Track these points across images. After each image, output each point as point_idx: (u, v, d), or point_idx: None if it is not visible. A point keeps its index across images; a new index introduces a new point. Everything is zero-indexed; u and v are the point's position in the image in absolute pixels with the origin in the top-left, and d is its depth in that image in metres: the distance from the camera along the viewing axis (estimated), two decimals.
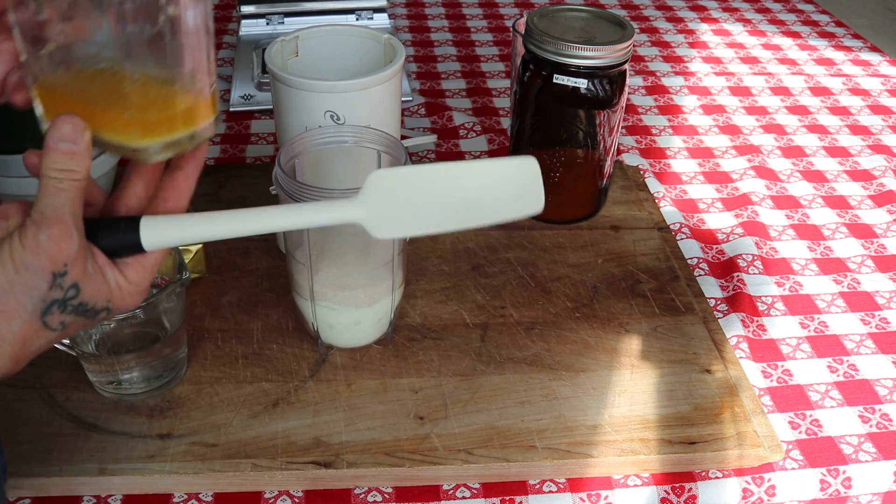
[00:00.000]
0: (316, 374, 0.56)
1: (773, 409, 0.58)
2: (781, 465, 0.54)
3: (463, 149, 0.86)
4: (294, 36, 0.63)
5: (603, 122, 0.67)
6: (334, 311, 0.55)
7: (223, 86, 0.97)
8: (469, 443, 0.52)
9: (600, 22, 0.68)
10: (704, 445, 0.53)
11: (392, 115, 0.61)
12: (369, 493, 0.51)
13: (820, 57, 1.10)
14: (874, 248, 0.74)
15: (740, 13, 1.24)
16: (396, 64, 0.59)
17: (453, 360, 0.58)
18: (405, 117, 0.92)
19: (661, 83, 1.02)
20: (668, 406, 0.55)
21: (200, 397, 0.54)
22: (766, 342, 0.63)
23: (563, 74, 0.65)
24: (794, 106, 0.98)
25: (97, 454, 0.50)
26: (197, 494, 0.50)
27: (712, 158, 0.87)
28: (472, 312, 0.62)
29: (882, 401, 0.59)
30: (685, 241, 0.73)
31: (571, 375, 0.57)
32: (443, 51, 1.08)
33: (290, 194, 0.49)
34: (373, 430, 0.53)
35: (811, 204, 0.80)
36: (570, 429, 0.53)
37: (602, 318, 0.62)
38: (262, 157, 0.83)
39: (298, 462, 0.50)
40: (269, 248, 0.67)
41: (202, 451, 0.51)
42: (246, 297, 0.63)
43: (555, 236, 0.71)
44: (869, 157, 0.88)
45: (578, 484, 0.52)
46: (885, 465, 0.54)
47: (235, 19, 1.15)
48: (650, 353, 0.60)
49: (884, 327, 0.65)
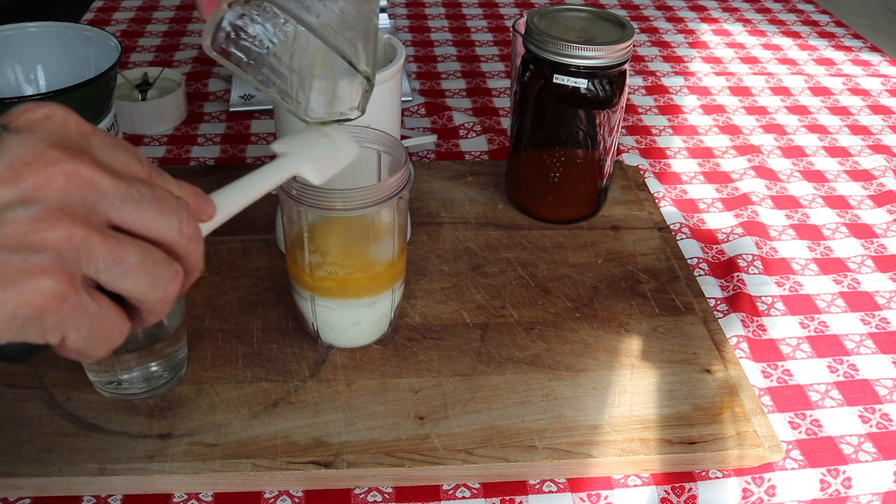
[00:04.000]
0: (316, 374, 0.56)
1: (773, 409, 0.58)
2: (781, 465, 0.54)
3: (463, 149, 0.86)
4: None
5: (603, 122, 0.67)
6: (334, 310, 0.55)
7: (223, 86, 0.97)
8: (469, 443, 0.52)
9: (600, 22, 0.68)
10: (704, 445, 0.53)
11: (392, 115, 0.61)
12: (369, 493, 0.51)
13: (820, 57, 1.10)
14: (874, 248, 0.74)
15: (740, 13, 1.24)
16: (396, 64, 0.59)
17: (453, 360, 0.58)
18: (405, 117, 0.92)
19: (661, 83, 1.02)
20: (668, 406, 0.55)
21: (200, 397, 0.54)
22: (766, 342, 0.63)
23: (563, 74, 0.65)
24: (794, 106, 0.98)
25: (97, 454, 0.50)
26: (197, 494, 0.50)
27: (712, 158, 0.87)
28: (472, 312, 0.62)
29: (882, 401, 0.59)
30: (685, 241, 0.73)
31: (571, 375, 0.57)
32: (443, 51, 1.08)
33: (291, 194, 0.50)
34: (373, 430, 0.53)
35: (811, 204, 0.80)
36: (570, 429, 0.53)
37: (602, 318, 0.62)
38: (262, 157, 0.83)
39: (298, 462, 0.50)
40: (269, 248, 0.67)
41: (202, 451, 0.51)
42: (246, 297, 0.63)
43: (555, 236, 0.71)
44: (869, 157, 0.88)
45: (578, 484, 0.52)
46: (885, 465, 0.54)
47: None
48: (650, 353, 0.60)
49: (884, 327, 0.65)
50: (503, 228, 0.71)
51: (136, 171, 0.33)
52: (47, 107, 0.32)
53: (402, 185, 0.51)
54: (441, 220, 0.72)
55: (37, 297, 0.30)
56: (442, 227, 0.71)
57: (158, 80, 0.91)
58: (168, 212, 0.33)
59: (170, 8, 1.19)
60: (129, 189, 0.32)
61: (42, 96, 0.59)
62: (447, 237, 0.70)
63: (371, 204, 0.50)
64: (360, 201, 0.49)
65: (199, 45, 1.07)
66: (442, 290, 0.64)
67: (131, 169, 0.33)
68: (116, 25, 1.12)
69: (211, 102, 0.94)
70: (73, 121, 0.33)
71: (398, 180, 0.51)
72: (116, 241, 0.31)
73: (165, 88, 0.90)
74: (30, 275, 0.29)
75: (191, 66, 1.01)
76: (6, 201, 0.30)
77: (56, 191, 0.30)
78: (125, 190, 0.32)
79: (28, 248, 0.30)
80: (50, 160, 0.30)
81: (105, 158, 0.32)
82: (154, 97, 0.89)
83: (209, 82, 0.97)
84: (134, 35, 1.10)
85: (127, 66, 0.99)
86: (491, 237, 0.70)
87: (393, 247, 0.54)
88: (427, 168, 0.79)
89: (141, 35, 1.10)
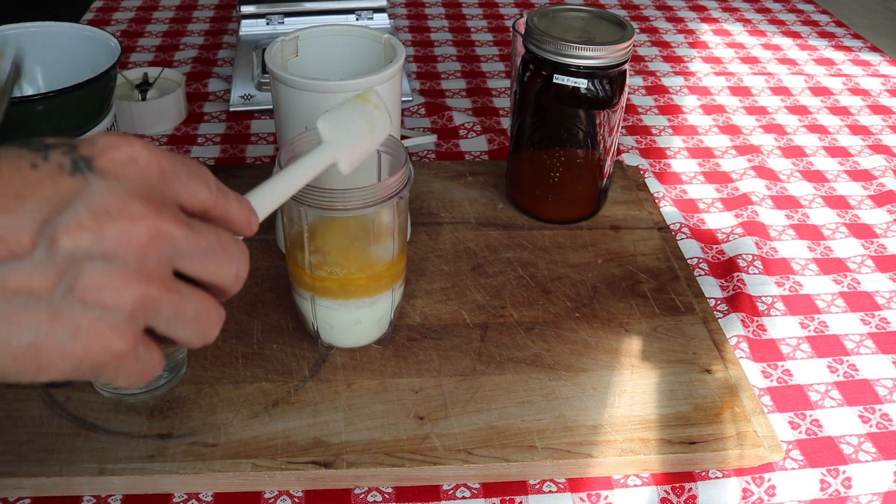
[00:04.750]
0: (316, 374, 0.56)
1: (773, 409, 0.58)
2: (781, 465, 0.54)
3: (463, 149, 0.86)
4: (294, 36, 0.63)
5: (603, 122, 0.67)
6: (334, 310, 0.55)
7: (223, 86, 0.97)
8: (469, 443, 0.52)
9: (600, 22, 0.68)
10: (704, 445, 0.53)
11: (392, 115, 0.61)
12: (369, 493, 0.51)
13: (820, 57, 1.10)
14: (874, 248, 0.74)
15: (740, 13, 1.24)
16: (396, 64, 0.59)
17: (453, 360, 0.58)
18: (405, 117, 0.92)
19: (661, 83, 1.02)
20: (668, 406, 0.55)
21: (200, 397, 0.54)
22: (766, 342, 0.63)
23: (563, 74, 0.65)
24: (794, 106, 0.98)
25: (97, 454, 0.50)
26: (197, 494, 0.50)
27: (712, 158, 0.87)
28: (472, 312, 0.62)
29: (882, 401, 0.59)
30: (685, 241, 0.73)
31: (571, 375, 0.57)
32: (443, 51, 1.08)
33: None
34: (373, 430, 0.53)
35: (811, 204, 0.80)
36: (570, 429, 0.53)
37: (602, 318, 0.62)
38: (262, 157, 0.83)
39: (298, 462, 0.50)
40: (270, 248, 0.67)
41: (202, 451, 0.51)
42: (246, 297, 0.63)
43: (555, 236, 0.71)
44: (869, 157, 0.88)
45: (578, 484, 0.52)
46: (885, 465, 0.54)
47: (235, 19, 1.15)
48: (650, 353, 0.60)
49: (884, 327, 0.65)
50: (503, 228, 0.72)
51: (205, 198, 0.34)
52: (130, 145, 0.32)
53: (402, 185, 0.51)
54: (441, 220, 0.72)
55: (102, 354, 0.31)
56: (442, 227, 0.71)
57: (158, 80, 0.91)
58: (230, 260, 0.34)
59: (170, 8, 1.19)
60: (199, 240, 0.33)
61: (42, 96, 0.59)
62: (447, 237, 0.70)
63: (371, 204, 0.50)
64: (360, 201, 0.49)
65: (199, 45, 1.07)
66: (442, 290, 0.64)
67: (202, 198, 0.34)
68: (116, 25, 1.12)
69: (211, 102, 0.94)
70: (156, 162, 0.33)
71: (398, 180, 0.51)
72: (180, 296, 0.32)
73: (165, 88, 0.90)
74: (101, 334, 0.30)
75: (191, 66, 1.01)
76: (86, 253, 0.30)
77: (136, 248, 0.30)
78: (196, 241, 0.33)
79: (103, 305, 0.30)
80: (135, 216, 0.30)
81: (180, 194, 0.33)
82: (154, 97, 0.89)
83: (209, 82, 0.97)
84: (134, 35, 1.10)
85: (127, 66, 0.99)
86: (491, 237, 0.70)
87: (393, 247, 0.54)
88: (427, 168, 0.79)
89: (141, 35, 1.10)
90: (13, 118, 0.60)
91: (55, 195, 0.30)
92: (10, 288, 0.29)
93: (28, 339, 0.29)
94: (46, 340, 0.30)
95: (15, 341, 0.29)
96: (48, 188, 0.30)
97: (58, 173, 0.30)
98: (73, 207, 0.30)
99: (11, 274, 0.29)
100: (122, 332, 0.31)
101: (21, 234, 0.29)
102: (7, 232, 0.29)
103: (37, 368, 0.30)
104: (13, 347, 0.29)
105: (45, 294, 0.29)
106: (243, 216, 0.36)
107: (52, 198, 0.30)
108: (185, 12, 1.18)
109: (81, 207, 0.30)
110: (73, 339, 0.30)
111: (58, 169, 0.30)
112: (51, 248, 0.29)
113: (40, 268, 0.29)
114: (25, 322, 0.29)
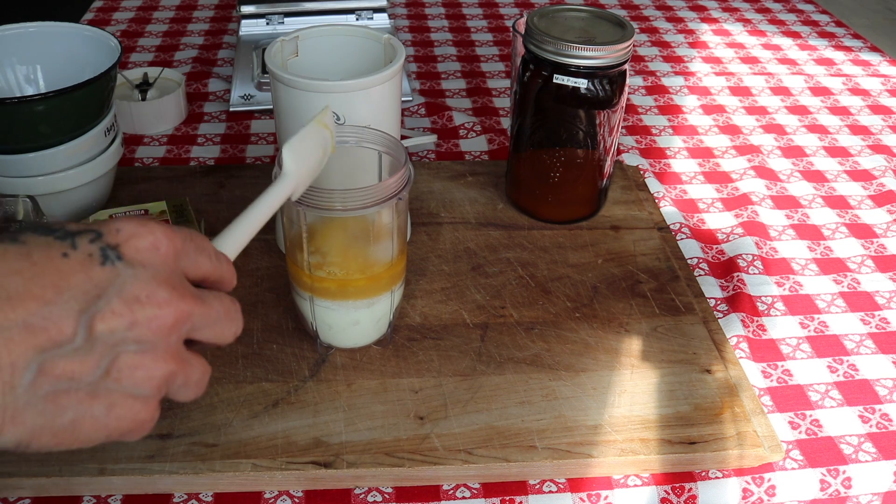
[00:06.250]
0: (316, 374, 0.56)
1: (773, 409, 0.58)
2: (781, 465, 0.54)
3: (463, 149, 0.86)
4: (294, 36, 0.63)
5: (603, 122, 0.67)
6: (332, 311, 0.55)
7: (223, 86, 0.97)
8: (469, 443, 0.52)
9: (600, 22, 0.68)
10: (704, 445, 0.53)
11: (392, 115, 0.61)
12: (369, 493, 0.51)
13: (820, 57, 1.10)
14: (874, 248, 0.74)
15: (740, 13, 1.24)
16: (396, 64, 0.59)
17: (453, 360, 0.58)
18: (405, 117, 0.92)
19: (661, 83, 1.02)
20: (668, 406, 0.55)
21: (200, 397, 0.54)
22: (766, 342, 0.63)
23: (563, 74, 0.65)
24: (794, 106, 0.98)
25: (97, 454, 0.50)
26: (197, 494, 0.50)
27: (712, 158, 0.87)
28: (472, 312, 0.62)
29: (882, 401, 0.59)
30: (685, 241, 0.73)
31: (571, 375, 0.57)
32: (443, 51, 1.08)
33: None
34: (373, 430, 0.53)
35: (811, 204, 0.80)
36: (570, 429, 0.53)
37: (602, 318, 0.62)
38: (262, 157, 0.83)
39: (298, 462, 0.50)
40: (269, 248, 0.67)
41: (202, 451, 0.51)
42: (246, 297, 0.63)
43: (555, 236, 0.71)
44: (869, 157, 0.88)
45: (578, 484, 0.52)
46: (885, 465, 0.54)
47: (235, 19, 1.15)
48: (650, 353, 0.60)
49: (884, 327, 0.65)
50: (503, 228, 0.72)
51: (207, 268, 0.38)
52: (152, 233, 0.35)
53: (401, 186, 0.51)
54: (441, 220, 0.72)
55: (130, 424, 0.35)
56: (442, 227, 0.71)
57: (158, 80, 0.91)
58: (231, 323, 0.39)
59: (170, 8, 1.19)
60: (209, 312, 0.37)
61: (42, 96, 0.59)
62: (447, 237, 0.70)
63: (371, 204, 0.50)
64: (359, 202, 0.49)
65: (199, 45, 1.07)
66: (442, 290, 0.64)
67: (205, 269, 0.38)
68: (116, 25, 1.12)
69: (211, 102, 0.94)
70: (172, 246, 0.36)
71: (398, 180, 0.51)
72: (190, 367, 0.36)
73: (165, 88, 0.90)
74: (132, 407, 0.34)
75: (191, 66, 1.01)
76: (121, 338, 0.33)
77: (164, 331, 0.34)
78: (207, 314, 0.37)
79: (135, 383, 0.34)
80: (161, 302, 0.34)
81: (188, 268, 0.37)
82: (154, 97, 0.89)
83: (209, 82, 0.97)
84: (134, 35, 1.10)
85: (127, 66, 0.99)
86: (491, 237, 0.70)
87: (392, 248, 0.54)
88: (427, 168, 0.79)
89: (141, 35, 1.10)
90: (14, 118, 0.60)
91: (89, 284, 0.33)
92: (56, 374, 0.32)
93: (69, 418, 0.33)
94: (85, 417, 0.33)
95: (59, 421, 0.32)
96: (81, 278, 0.33)
97: (88, 263, 0.33)
98: (106, 296, 0.33)
99: (57, 361, 0.32)
100: (148, 404, 0.35)
101: (63, 324, 0.32)
102: (49, 322, 0.31)
103: (73, 441, 0.33)
104: (56, 426, 0.32)
105: (85, 377, 0.32)
106: (231, 274, 0.40)
107: (86, 287, 0.33)
108: (185, 12, 1.18)
109: (114, 295, 0.33)
110: (108, 414, 0.33)
111: (88, 258, 0.33)
112: (89, 335, 0.32)
113: (81, 353, 0.32)
114: (68, 403, 0.32)
